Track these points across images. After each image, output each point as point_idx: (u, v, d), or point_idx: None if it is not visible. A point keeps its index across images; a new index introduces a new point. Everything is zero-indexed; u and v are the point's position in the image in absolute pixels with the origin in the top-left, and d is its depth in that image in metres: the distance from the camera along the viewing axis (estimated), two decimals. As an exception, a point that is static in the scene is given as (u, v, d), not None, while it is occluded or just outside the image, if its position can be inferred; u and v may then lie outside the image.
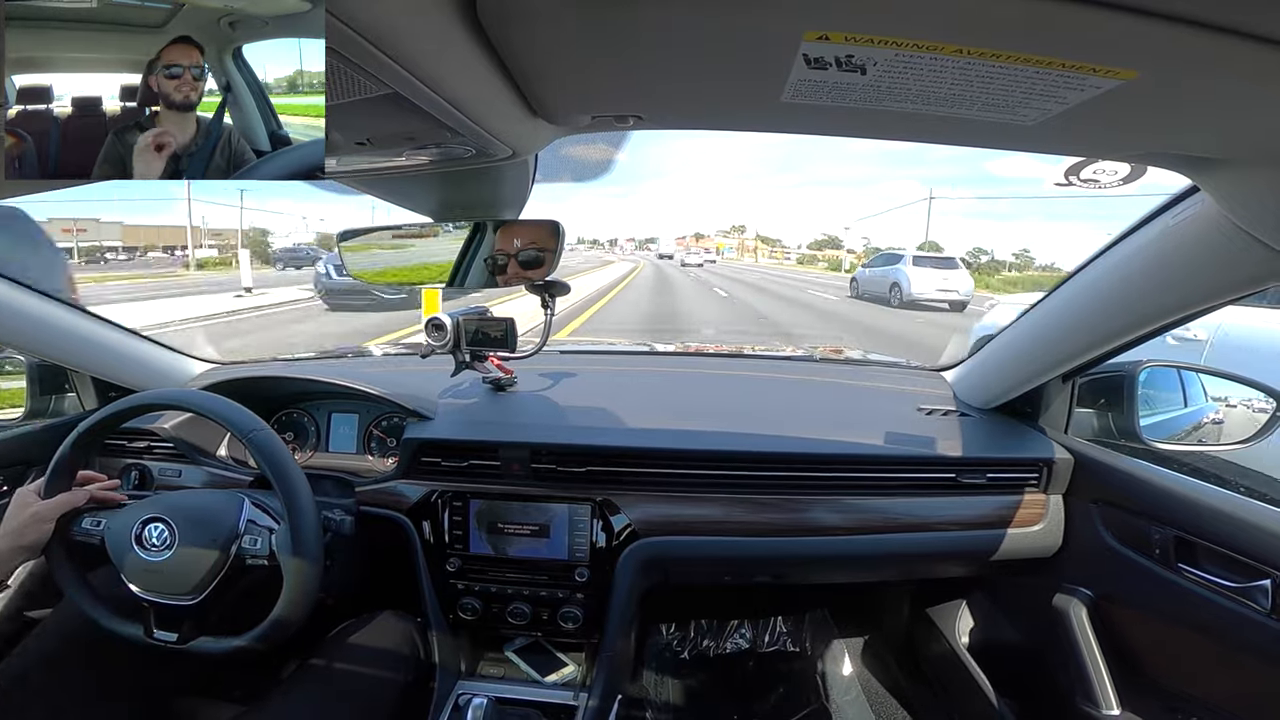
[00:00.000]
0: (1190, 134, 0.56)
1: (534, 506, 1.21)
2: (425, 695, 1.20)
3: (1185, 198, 0.76)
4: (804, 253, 73.68)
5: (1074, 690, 1.12)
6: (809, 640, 1.89)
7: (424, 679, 1.19)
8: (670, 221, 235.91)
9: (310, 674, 1.07)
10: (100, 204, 40.61)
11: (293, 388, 1.42)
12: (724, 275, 28.35)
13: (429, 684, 1.19)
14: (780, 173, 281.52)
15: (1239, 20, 0.36)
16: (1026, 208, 58.43)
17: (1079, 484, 1.17)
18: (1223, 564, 0.91)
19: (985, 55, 0.42)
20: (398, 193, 0.99)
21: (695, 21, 0.42)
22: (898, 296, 13.46)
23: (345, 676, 1.08)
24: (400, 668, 1.13)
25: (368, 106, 0.50)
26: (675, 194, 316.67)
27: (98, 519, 0.96)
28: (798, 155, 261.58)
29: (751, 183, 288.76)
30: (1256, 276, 0.73)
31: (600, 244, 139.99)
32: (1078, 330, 1.03)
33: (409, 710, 1.12)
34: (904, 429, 1.24)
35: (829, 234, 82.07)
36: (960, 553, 1.24)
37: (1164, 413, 1.20)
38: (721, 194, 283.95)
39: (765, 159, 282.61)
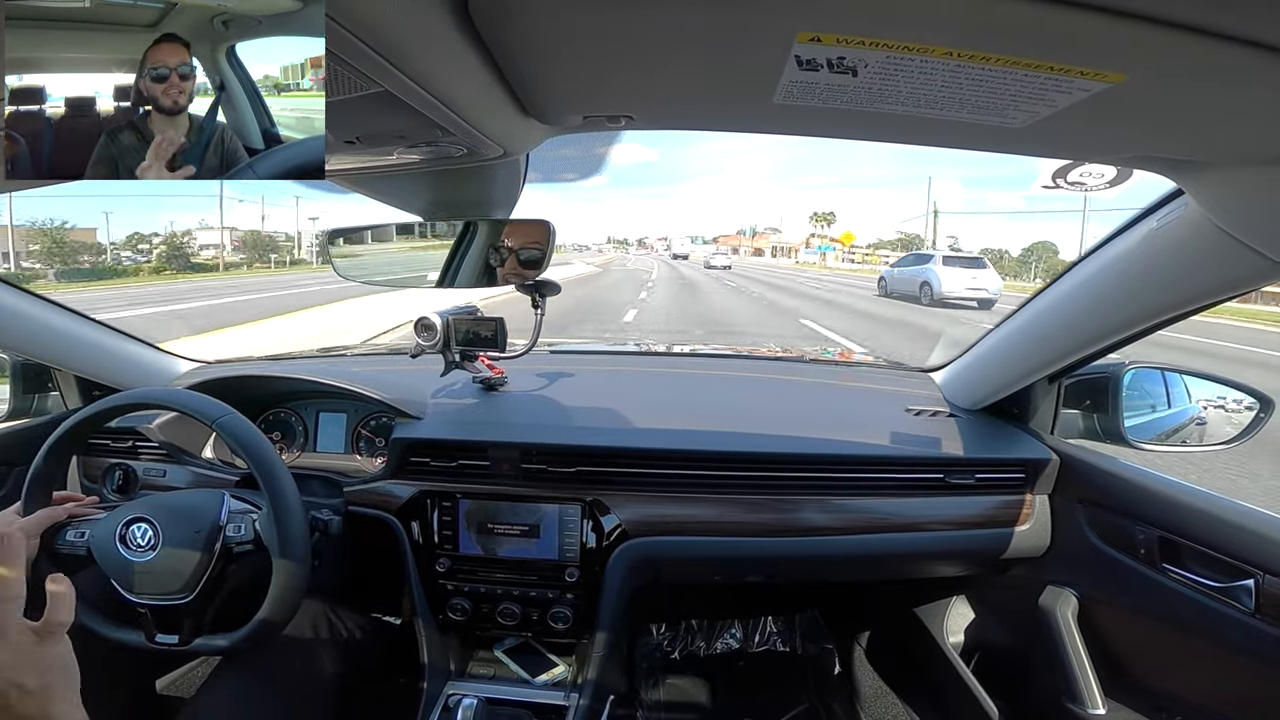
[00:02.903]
0: (1176, 136, 0.57)
1: (524, 507, 1.20)
2: (413, 694, 1.19)
3: (1169, 201, 0.77)
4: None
5: (1060, 689, 1.13)
6: (799, 640, 1.89)
7: (358, 666, 1.18)
8: (713, 220, 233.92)
9: (231, 672, 1.06)
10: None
11: (280, 387, 1.41)
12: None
13: (364, 672, 1.18)
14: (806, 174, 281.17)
15: (1226, 23, 0.37)
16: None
17: (1065, 484, 1.18)
18: (1206, 564, 0.92)
19: (975, 58, 0.42)
20: (388, 192, 0.98)
21: (688, 22, 0.42)
22: (928, 295, 13.85)
23: (275, 671, 1.07)
24: (326, 654, 1.12)
25: (358, 104, 0.50)
26: (712, 193, 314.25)
27: (80, 530, 0.95)
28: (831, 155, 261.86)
29: (779, 184, 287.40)
30: (1241, 278, 0.74)
31: (628, 243, 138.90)
32: (1064, 332, 1.04)
33: (360, 703, 1.11)
34: (893, 429, 1.25)
35: (882, 237, 77.49)
36: (949, 553, 1.25)
37: (1149, 413, 1.22)
38: (758, 194, 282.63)
39: (800, 159, 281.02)
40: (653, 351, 2.05)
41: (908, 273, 15.52)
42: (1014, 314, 1.16)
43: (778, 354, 1.95)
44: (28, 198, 43.10)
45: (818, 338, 9.10)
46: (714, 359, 1.97)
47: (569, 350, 1.88)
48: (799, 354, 1.94)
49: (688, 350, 2.49)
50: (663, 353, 2.13)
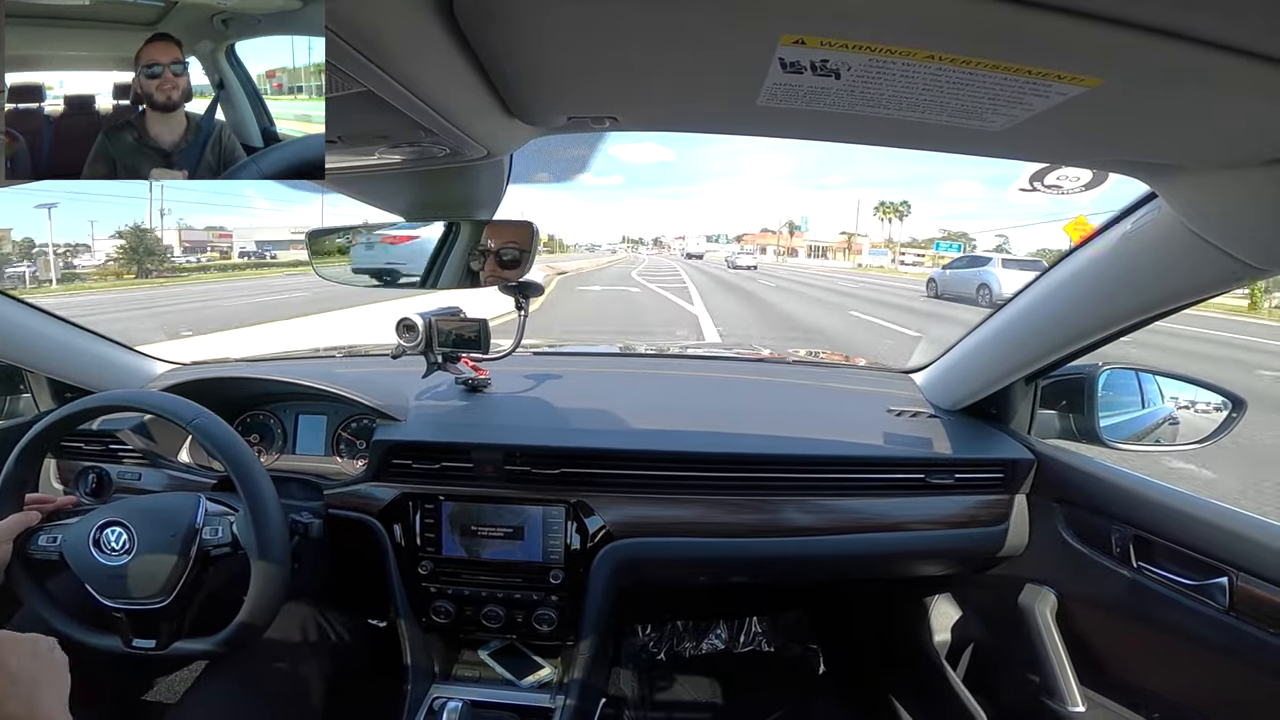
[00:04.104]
0: (1150, 140, 0.58)
1: (507, 509, 1.20)
2: (398, 697, 1.18)
3: (1143, 204, 0.78)
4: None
5: (1040, 687, 1.14)
6: (784, 640, 1.90)
7: (356, 670, 1.16)
8: (735, 218, 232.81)
9: (220, 675, 1.05)
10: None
11: (258, 388, 1.39)
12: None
13: (358, 675, 1.17)
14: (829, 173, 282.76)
15: (1199, 27, 0.38)
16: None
17: (1042, 484, 1.20)
18: (1181, 562, 0.94)
19: (956, 61, 0.42)
20: (370, 192, 0.97)
21: (673, 24, 0.42)
22: (986, 297, 14.21)
23: (260, 675, 1.06)
24: (314, 657, 1.11)
25: (340, 104, 0.49)
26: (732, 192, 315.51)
27: (53, 535, 0.93)
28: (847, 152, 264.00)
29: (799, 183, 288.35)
30: (1212, 281, 0.76)
31: (643, 243, 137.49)
32: (1040, 334, 1.06)
33: (354, 706, 1.10)
34: (874, 430, 1.26)
35: (918, 237, 74.00)
36: (930, 552, 1.26)
37: (1123, 414, 1.24)
38: (774, 194, 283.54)
39: (819, 159, 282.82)
40: (636, 353, 2.04)
41: (962, 275, 16.06)
42: (992, 315, 1.17)
43: (762, 355, 1.96)
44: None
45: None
46: (697, 360, 1.97)
47: (552, 352, 1.88)
48: (783, 355, 1.95)
49: (671, 351, 2.49)
50: (646, 354, 2.13)
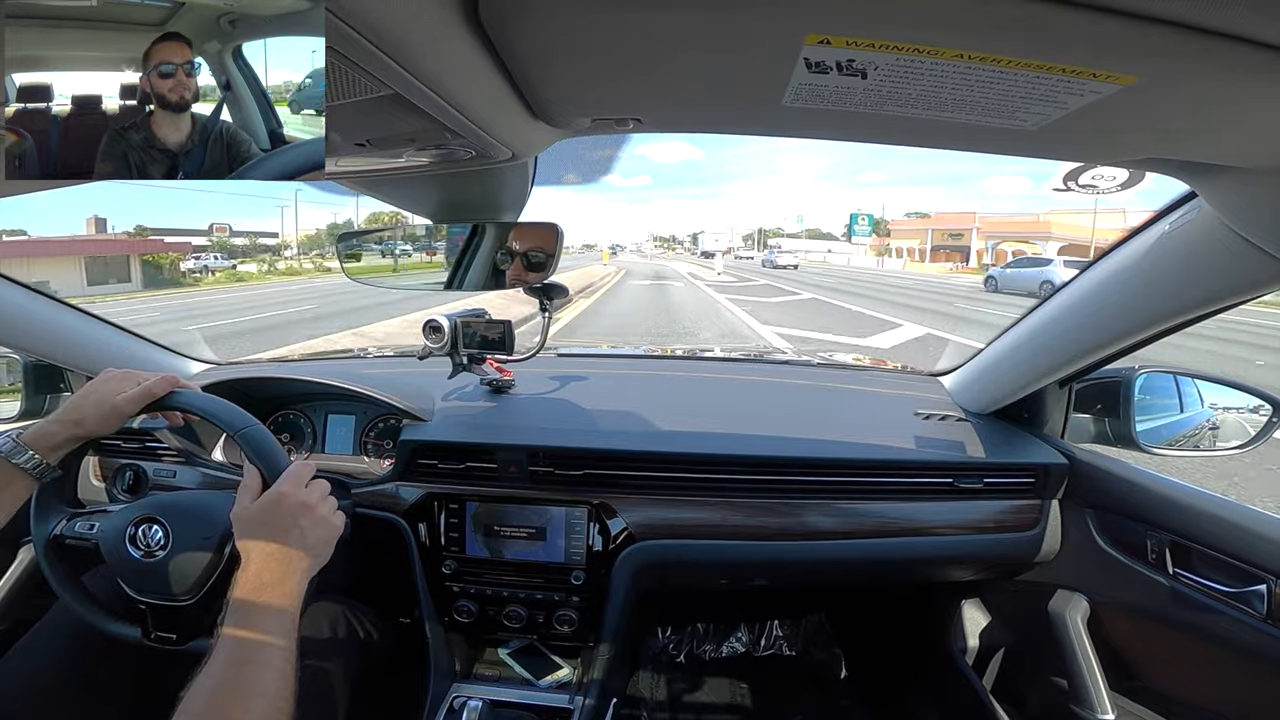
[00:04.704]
0: (1189, 139, 0.56)
1: (531, 509, 1.20)
2: (419, 694, 1.19)
3: (1182, 204, 0.76)
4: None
5: (1069, 695, 1.12)
6: (806, 644, 1.88)
7: (378, 667, 1.17)
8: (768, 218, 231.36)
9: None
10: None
11: (289, 389, 1.42)
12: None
13: (387, 675, 1.18)
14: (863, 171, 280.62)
15: (1235, 25, 0.37)
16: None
17: (1075, 489, 1.17)
18: (1218, 569, 0.91)
19: (986, 60, 0.42)
20: (397, 194, 0.99)
21: (697, 25, 0.42)
22: (1049, 291, 14.92)
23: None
24: (342, 654, 1.12)
25: (368, 107, 0.50)
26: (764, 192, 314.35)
27: (90, 521, 0.95)
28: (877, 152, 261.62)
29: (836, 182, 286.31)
30: (1254, 281, 0.73)
31: (678, 243, 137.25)
32: (1075, 336, 1.04)
33: (376, 703, 1.11)
34: (901, 433, 1.24)
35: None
36: (957, 557, 1.24)
37: (1161, 418, 1.20)
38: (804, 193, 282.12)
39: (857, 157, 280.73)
40: (661, 355, 2.04)
41: (1023, 274, 17.54)
42: (1024, 317, 1.15)
43: (787, 358, 1.94)
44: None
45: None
46: (722, 363, 1.97)
47: (577, 353, 1.88)
48: (808, 358, 1.93)
49: (696, 353, 2.49)
50: (671, 356, 2.13)
